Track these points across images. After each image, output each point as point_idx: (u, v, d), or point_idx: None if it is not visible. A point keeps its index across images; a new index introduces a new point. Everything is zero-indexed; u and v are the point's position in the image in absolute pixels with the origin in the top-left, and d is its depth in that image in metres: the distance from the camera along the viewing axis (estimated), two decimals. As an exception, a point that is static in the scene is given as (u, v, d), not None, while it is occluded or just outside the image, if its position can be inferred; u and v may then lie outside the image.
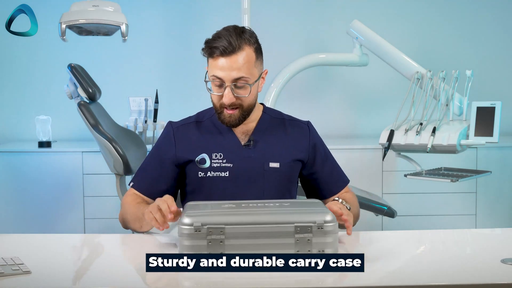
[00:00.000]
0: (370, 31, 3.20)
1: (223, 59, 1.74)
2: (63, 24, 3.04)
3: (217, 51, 1.74)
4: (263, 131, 1.88)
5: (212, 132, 1.87)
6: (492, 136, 2.72)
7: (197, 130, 1.89)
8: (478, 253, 1.60)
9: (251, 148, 1.85)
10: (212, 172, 1.82)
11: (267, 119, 1.91)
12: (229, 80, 1.75)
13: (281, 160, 1.85)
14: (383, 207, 3.01)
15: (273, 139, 1.88)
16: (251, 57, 1.77)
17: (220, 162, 1.82)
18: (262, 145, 1.86)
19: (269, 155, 1.85)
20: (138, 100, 3.72)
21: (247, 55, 1.76)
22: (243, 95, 1.77)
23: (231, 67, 1.74)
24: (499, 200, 3.80)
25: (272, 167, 1.84)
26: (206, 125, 1.89)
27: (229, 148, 1.84)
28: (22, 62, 4.16)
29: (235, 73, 1.74)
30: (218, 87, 1.77)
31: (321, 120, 4.13)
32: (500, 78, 4.24)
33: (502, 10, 4.22)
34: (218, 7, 4.13)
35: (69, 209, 3.74)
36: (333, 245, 1.41)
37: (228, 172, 1.82)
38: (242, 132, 1.87)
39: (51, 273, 1.40)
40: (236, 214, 1.44)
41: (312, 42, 4.21)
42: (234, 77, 1.75)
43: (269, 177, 1.84)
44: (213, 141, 1.85)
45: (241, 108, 1.80)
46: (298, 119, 1.97)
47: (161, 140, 1.92)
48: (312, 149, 1.91)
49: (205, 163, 1.83)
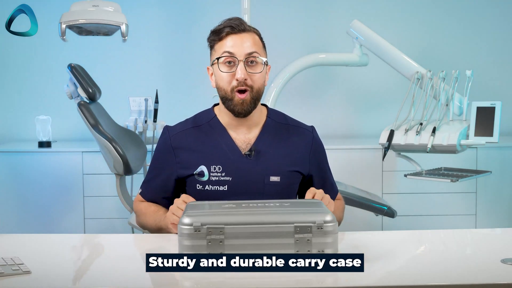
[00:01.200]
0: (370, 31, 3.19)
1: (234, 36, 1.74)
2: (63, 24, 3.04)
3: (227, 29, 1.74)
4: (265, 139, 1.82)
5: (211, 139, 1.82)
6: (492, 136, 2.72)
7: (195, 137, 1.83)
8: (478, 253, 1.59)
9: (252, 159, 1.79)
10: (211, 185, 1.78)
11: (271, 125, 1.85)
12: (242, 55, 1.73)
13: (281, 173, 1.80)
14: (383, 207, 3.01)
15: (275, 148, 1.82)
16: (259, 41, 1.79)
17: (219, 175, 1.77)
18: (263, 156, 1.80)
19: (269, 168, 1.79)
20: (138, 100, 3.71)
21: (255, 37, 1.78)
22: (255, 72, 1.75)
23: (242, 42, 1.74)
24: (499, 200, 3.80)
25: (273, 181, 1.79)
26: (204, 130, 1.83)
27: (228, 159, 1.78)
28: (22, 62, 4.16)
29: (247, 47, 1.74)
30: (229, 66, 1.75)
31: (321, 120, 4.14)
32: (500, 78, 4.24)
33: (502, 10, 4.22)
34: (218, 7, 4.13)
35: (69, 209, 3.74)
36: (333, 245, 1.41)
37: (226, 186, 1.77)
38: (243, 140, 1.82)
39: (51, 273, 1.40)
40: (235, 214, 1.44)
41: (312, 42, 4.21)
42: (247, 51, 1.73)
43: (269, 191, 1.79)
44: (212, 150, 1.80)
45: (251, 90, 1.75)
46: (302, 125, 1.91)
47: (160, 150, 1.87)
48: (312, 159, 1.87)
49: (204, 176, 1.78)
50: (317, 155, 1.89)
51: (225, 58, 1.74)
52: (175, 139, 1.84)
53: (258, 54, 1.75)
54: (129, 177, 3.43)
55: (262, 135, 1.83)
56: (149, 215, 1.82)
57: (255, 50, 1.75)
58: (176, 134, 1.85)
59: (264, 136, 1.83)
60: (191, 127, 1.86)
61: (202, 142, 1.82)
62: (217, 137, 1.82)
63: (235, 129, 1.83)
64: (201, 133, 1.83)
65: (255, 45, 1.76)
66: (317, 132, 1.93)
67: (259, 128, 1.84)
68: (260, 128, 1.84)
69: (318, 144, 1.90)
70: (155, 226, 1.79)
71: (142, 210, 1.87)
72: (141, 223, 1.88)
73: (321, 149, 1.91)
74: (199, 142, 1.82)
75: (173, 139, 1.84)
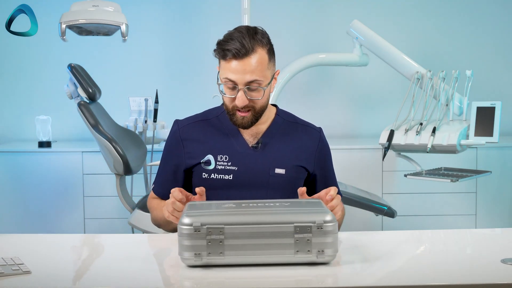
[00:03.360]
0: (370, 31, 3.19)
1: (236, 62, 1.71)
2: (63, 24, 3.04)
3: (229, 53, 1.70)
4: (273, 133, 1.85)
5: (219, 131, 1.85)
6: (492, 136, 2.72)
7: (203, 129, 1.86)
8: (478, 253, 1.59)
9: (258, 150, 1.82)
10: (216, 174, 1.80)
11: (279, 122, 1.87)
12: (242, 83, 1.72)
13: (287, 166, 1.82)
14: (383, 207, 3.01)
15: (282, 143, 1.84)
16: (264, 59, 1.74)
17: (225, 165, 1.80)
18: (269, 148, 1.83)
19: (275, 160, 1.81)
20: (138, 100, 3.72)
21: (260, 57, 1.73)
22: (256, 97, 1.75)
23: (244, 70, 1.71)
24: (499, 200, 3.80)
25: (278, 173, 1.81)
26: (213, 123, 1.86)
27: (235, 150, 1.81)
28: (22, 62, 4.16)
29: (248, 76, 1.71)
30: (231, 89, 1.75)
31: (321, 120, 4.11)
32: (500, 78, 4.24)
33: (502, 10, 4.22)
34: (218, 7, 4.14)
35: (69, 209, 3.74)
36: (333, 245, 1.41)
37: (232, 176, 1.79)
38: (251, 134, 1.84)
39: (51, 273, 1.40)
40: (235, 214, 1.44)
41: (312, 42, 4.21)
42: (247, 80, 1.72)
43: (274, 182, 1.81)
44: (220, 142, 1.83)
45: (253, 110, 1.76)
46: (310, 125, 1.93)
47: (169, 143, 1.89)
48: (318, 159, 1.88)
49: (210, 164, 1.80)
50: (322, 156, 1.90)
51: (226, 84, 1.74)
52: (184, 131, 1.86)
53: (260, 82, 1.73)
54: (129, 177, 3.43)
55: (271, 130, 1.86)
56: (159, 210, 1.83)
57: (256, 78, 1.72)
58: (185, 126, 1.87)
59: (272, 131, 1.86)
60: (200, 119, 1.89)
61: (211, 134, 1.85)
62: (225, 130, 1.85)
63: None
64: (209, 126, 1.86)
65: (257, 69, 1.73)
66: (324, 134, 1.94)
67: (268, 124, 1.86)
68: (269, 124, 1.86)
69: (324, 145, 1.92)
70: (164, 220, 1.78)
71: (154, 206, 1.88)
72: (153, 220, 1.88)
73: (327, 150, 1.93)
74: (208, 134, 1.85)
75: (182, 131, 1.86)
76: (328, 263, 1.42)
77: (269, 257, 1.40)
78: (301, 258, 1.40)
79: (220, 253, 1.39)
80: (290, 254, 1.40)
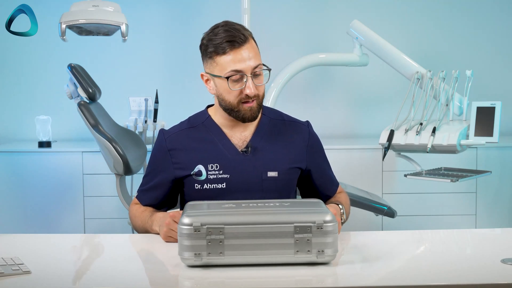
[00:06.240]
0: (370, 31, 3.19)
1: (238, 51, 1.70)
2: (63, 24, 3.04)
3: (227, 44, 1.70)
4: (261, 136, 1.83)
5: (206, 139, 1.82)
6: (492, 136, 2.72)
7: (190, 137, 1.82)
8: (478, 253, 1.59)
9: (249, 155, 1.79)
10: (209, 184, 1.77)
11: (266, 121, 1.85)
12: (249, 71, 1.71)
13: (279, 169, 1.80)
14: (383, 207, 3.01)
15: (271, 144, 1.82)
16: (255, 45, 1.76)
17: (217, 173, 1.77)
18: (260, 152, 1.80)
19: (267, 164, 1.79)
20: (138, 100, 3.72)
21: (252, 42, 1.75)
22: (261, 83, 1.75)
23: (248, 56, 1.71)
24: (499, 200, 3.80)
25: (270, 176, 1.79)
26: (199, 130, 1.83)
27: (225, 157, 1.78)
28: (22, 62, 4.16)
29: (252, 61, 1.71)
30: (237, 82, 1.72)
31: (321, 120, 4.13)
32: (500, 78, 4.24)
33: (502, 10, 4.22)
34: (218, 7, 4.14)
35: (69, 209, 3.74)
36: (333, 245, 1.41)
37: (225, 184, 1.77)
38: (239, 138, 1.82)
39: (51, 273, 1.40)
40: (235, 214, 1.44)
41: (312, 42, 4.21)
42: (253, 66, 1.71)
43: (268, 186, 1.79)
44: (208, 150, 1.80)
45: (257, 98, 1.75)
46: (297, 120, 1.91)
47: (156, 154, 1.86)
48: (310, 154, 1.86)
49: (202, 175, 1.78)
50: (314, 150, 1.88)
51: (234, 76, 1.72)
52: (170, 141, 1.83)
53: (261, 65, 1.74)
54: (129, 177, 3.43)
55: (258, 132, 1.83)
56: (138, 217, 1.84)
57: (259, 63, 1.73)
58: (171, 135, 1.85)
59: (260, 133, 1.83)
60: (186, 128, 1.86)
61: (198, 142, 1.82)
62: (212, 136, 1.82)
63: (230, 128, 1.83)
64: (196, 133, 1.84)
65: (257, 54, 1.74)
66: (312, 127, 1.93)
67: (255, 125, 1.84)
68: (256, 125, 1.84)
69: (314, 138, 1.90)
70: (142, 227, 1.81)
71: (134, 213, 1.88)
72: (133, 226, 1.89)
73: (317, 143, 1.91)
74: (195, 142, 1.82)
75: (168, 141, 1.84)
76: (328, 263, 1.42)
77: (269, 257, 1.40)
78: (301, 258, 1.40)
79: (220, 253, 1.39)
80: (290, 254, 1.40)
